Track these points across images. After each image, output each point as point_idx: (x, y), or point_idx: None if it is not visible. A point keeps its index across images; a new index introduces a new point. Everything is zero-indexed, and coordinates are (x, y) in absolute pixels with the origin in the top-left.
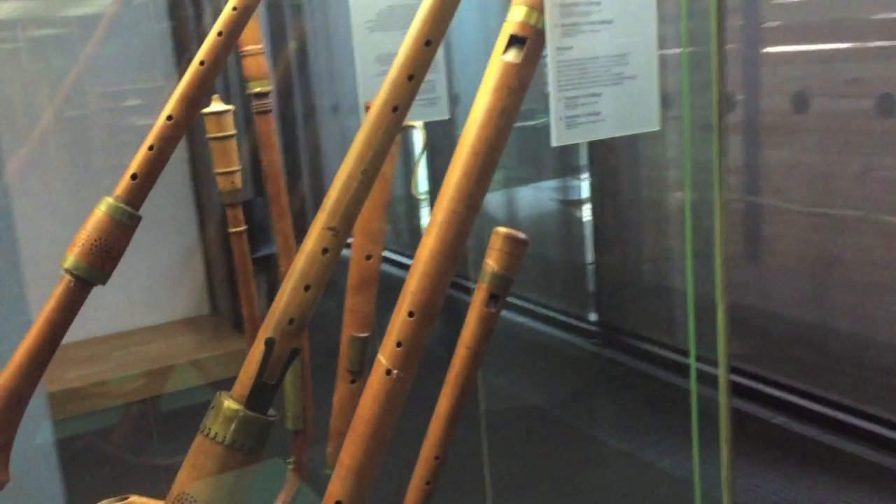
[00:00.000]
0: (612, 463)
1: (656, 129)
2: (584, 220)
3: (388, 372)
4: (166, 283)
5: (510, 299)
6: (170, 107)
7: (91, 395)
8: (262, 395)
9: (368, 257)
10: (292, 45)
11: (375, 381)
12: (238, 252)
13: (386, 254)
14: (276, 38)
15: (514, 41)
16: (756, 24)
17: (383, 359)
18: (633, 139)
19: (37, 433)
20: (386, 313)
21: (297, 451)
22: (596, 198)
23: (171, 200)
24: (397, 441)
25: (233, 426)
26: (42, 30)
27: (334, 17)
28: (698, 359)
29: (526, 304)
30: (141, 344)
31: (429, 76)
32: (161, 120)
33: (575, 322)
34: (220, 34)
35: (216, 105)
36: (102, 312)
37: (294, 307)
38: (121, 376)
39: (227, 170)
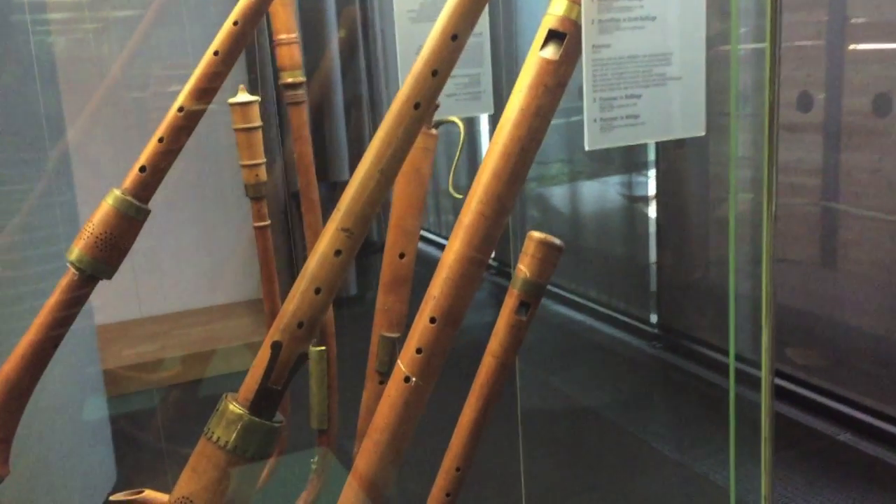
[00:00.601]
0: (663, 472)
1: (701, 134)
2: (649, 217)
3: (407, 379)
4: (227, 265)
5: (568, 295)
6: (181, 98)
7: (146, 374)
8: (267, 400)
9: (402, 255)
10: (344, 34)
11: (393, 389)
12: (261, 248)
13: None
14: (342, 20)
15: (553, 36)
16: (841, 20)
17: (402, 365)
18: (702, 136)
19: (90, 409)
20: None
21: (321, 450)
22: (661, 195)
23: (234, 183)
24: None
25: (236, 431)
26: (114, 11)
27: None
28: (756, 366)
29: (584, 301)
30: (199, 324)
31: (473, 70)
32: (172, 111)
33: (634, 323)
34: (235, 23)
35: (242, 95)
36: (165, 291)
37: (303, 310)
38: (175, 356)
39: (252, 162)
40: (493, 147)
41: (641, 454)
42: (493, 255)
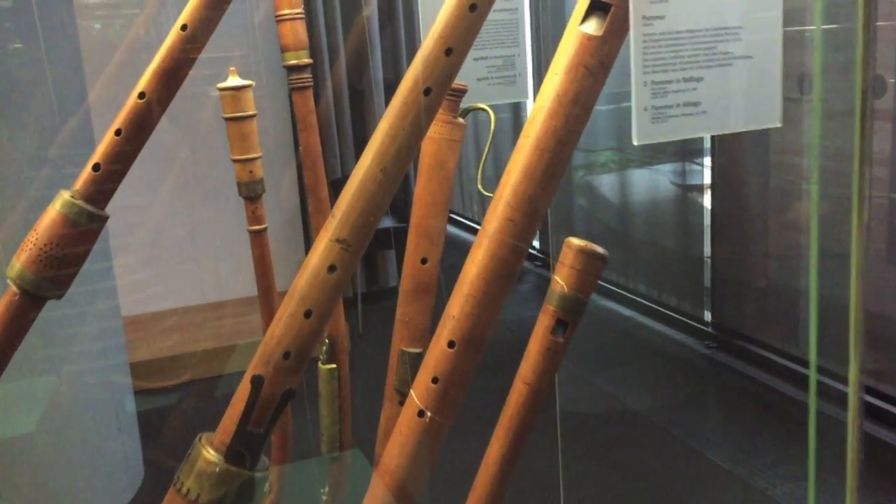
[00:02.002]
0: (718, 485)
1: (776, 125)
2: (704, 208)
3: (421, 413)
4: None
5: (616, 289)
6: (142, 82)
7: (178, 367)
8: (246, 445)
9: (424, 261)
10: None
11: (405, 424)
12: (257, 254)
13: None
14: None
15: (596, 7)
16: None
17: (416, 396)
18: None
19: (120, 404)
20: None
21: (332, 480)
22: (717, 185)
23: (275, 172)
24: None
25: (208, 482)
26: None
27: None
28: (825, 373)
29: (633, 296)
30: (235, 316)
31: (507, 51)
32: (132, 98)
33: (687, 320)
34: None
35: (233, 79)
36: (198, 282)
37: (291, 337)
38: (208, 348)
39: (245, 157)
40: (523, 140)
41: (692, 464)
42: (532, 246)
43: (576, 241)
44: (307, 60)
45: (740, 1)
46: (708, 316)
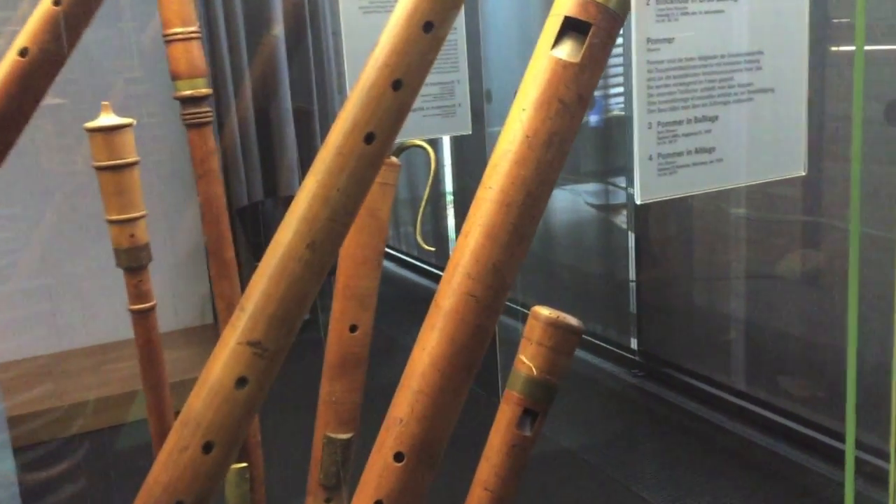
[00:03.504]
0: None
1: (800, 173)
2: (627, 229)
3: None
4: (169, 289)
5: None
6: None
7: (65, 418)
8: None
9: (353, 328)
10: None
11: None
12: (142, 341)
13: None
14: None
15: (572, 27)
16: None
17: None
18: None
19: None
20: (379, 403)
21: None
22: (641, 205)
23: (176, 202)
24: None
25: None
26: None
27: None
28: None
29: None
30: (135, 357)
31: (443, 77)
32: None
33: (612, 348)
34: (57, 3)
35: (106, 117)
36: (95, 321)
37: (186, 483)
38: (102, 396)
39: (125, 216)
40: (484, 193)
41: (625, 502)
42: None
43: (544, 312)
44: (205, 90)
45: (760, 20)
46: (634, 343)
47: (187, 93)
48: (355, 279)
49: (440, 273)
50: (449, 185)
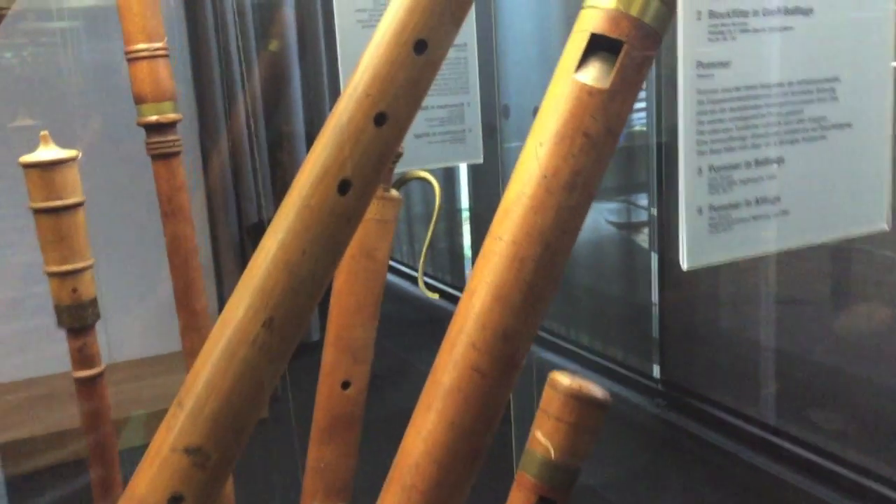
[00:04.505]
0: None
1: (883, 228)
2: (649, 249)
3: None
4: (167, 311)
5: (549, 337)
6: None
7: (62, 445)
8: None
9: (346, 385)
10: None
11: None
12: (88, 408)
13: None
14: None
15: (600, 45)
16: None
17: None
18: None
19: None
20: (377, 469)
21: None
22: (664, 222)
23: (152, 221)
24: None
25: None
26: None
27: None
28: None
29: (573, 347)
30: (128, 381)
31: (452, 99)
32: None
33: (633, 375)
34: None
35: (46, 149)
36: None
37: None
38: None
39: (66, 268)
40: (493, 244)
41: None
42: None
43: (564, 381)
44: (173, 116)
45: (836, 39)
46: (657, 371)
47: (152, 118)
48: (348, 329)
49: (457, 293)
50: (465, 201)
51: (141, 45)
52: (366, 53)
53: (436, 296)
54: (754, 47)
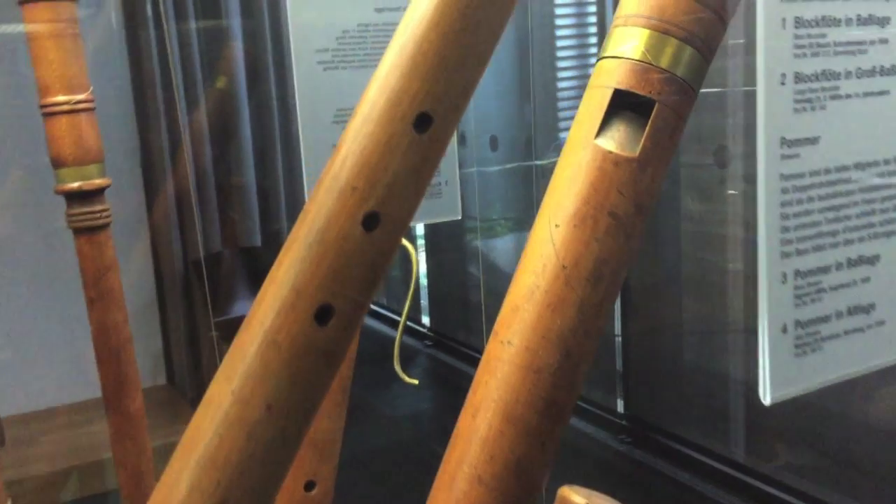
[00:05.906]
0: None
1: None
2: None
3: None
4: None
5: None
6: None
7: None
8: None
9: (310, 486)
10: None
11: None
12: None
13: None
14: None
15: (626, 105)
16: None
17: None
18: (672, 186)
19: None
20: None
21: None
22: None
23: (127, 257)
24: None
25: None
26: None
27: None
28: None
29: None
30: (78, 425)
31: None
32: None
33: (596, 410)
34: None
35: None
36: (34, 384)
37: None
38: (45, 472)
39: None
40: (500, 352)
41: None
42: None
43: (575, 498)
44: (100, 182)
45: None
46: (620, 405)
47: (74, 185)
48: (315, 421)
49: (410, 324)
50: (419, 228)
51: (60, 98)
52: (348, 131)
53: (415, 382)
54: (847, 118)
